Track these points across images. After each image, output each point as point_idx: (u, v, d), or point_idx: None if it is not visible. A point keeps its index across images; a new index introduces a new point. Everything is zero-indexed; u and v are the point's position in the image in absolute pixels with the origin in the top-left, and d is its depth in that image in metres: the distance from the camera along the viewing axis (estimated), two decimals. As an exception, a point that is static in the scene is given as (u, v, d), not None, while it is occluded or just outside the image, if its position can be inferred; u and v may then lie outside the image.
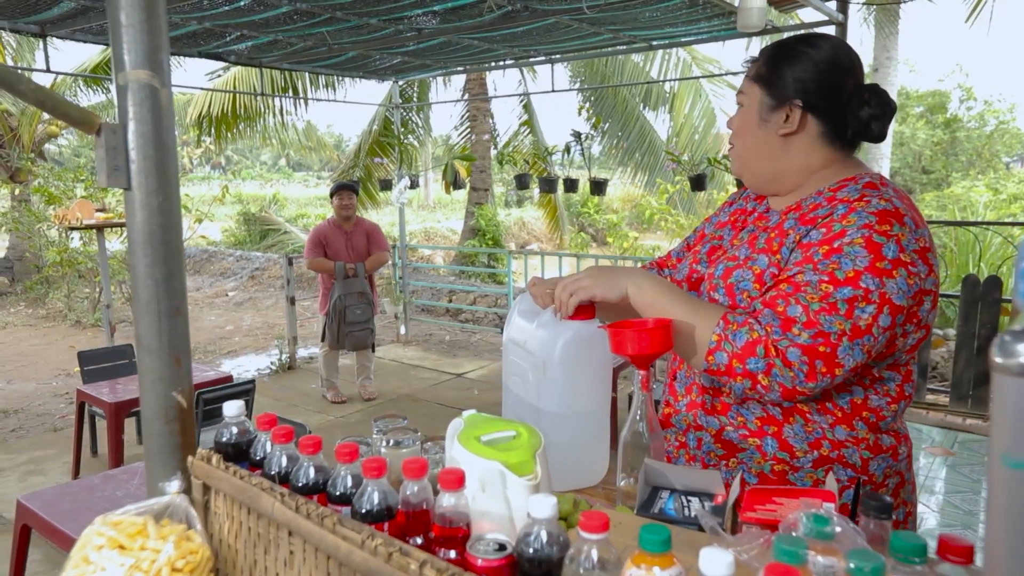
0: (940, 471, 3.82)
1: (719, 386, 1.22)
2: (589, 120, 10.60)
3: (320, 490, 0.91)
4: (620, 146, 10.68)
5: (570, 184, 6.43)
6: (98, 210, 6.13)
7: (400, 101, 7.78)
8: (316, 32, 4.87)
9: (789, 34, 1.33)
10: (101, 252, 5.83)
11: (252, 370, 6.45)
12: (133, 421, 4.22)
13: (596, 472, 1.32)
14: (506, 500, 0.85)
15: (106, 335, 5.63)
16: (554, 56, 6.09)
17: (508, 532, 0.81)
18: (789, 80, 1.19)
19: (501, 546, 0.72)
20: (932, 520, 3.32)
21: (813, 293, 1.07)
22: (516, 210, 21.85)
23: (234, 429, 1.03)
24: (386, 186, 7.63)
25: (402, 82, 7.53)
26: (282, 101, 9.91)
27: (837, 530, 0.70)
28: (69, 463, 4.12)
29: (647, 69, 10.43)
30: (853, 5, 4.68)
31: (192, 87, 16.04)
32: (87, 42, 5.00)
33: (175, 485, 0.97)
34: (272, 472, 0.95)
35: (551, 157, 6.69)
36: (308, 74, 8.95)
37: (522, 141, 11.01)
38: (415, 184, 7.43)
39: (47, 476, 4.11)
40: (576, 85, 10.78)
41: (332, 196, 5.28)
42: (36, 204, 9.55)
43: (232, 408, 1.03)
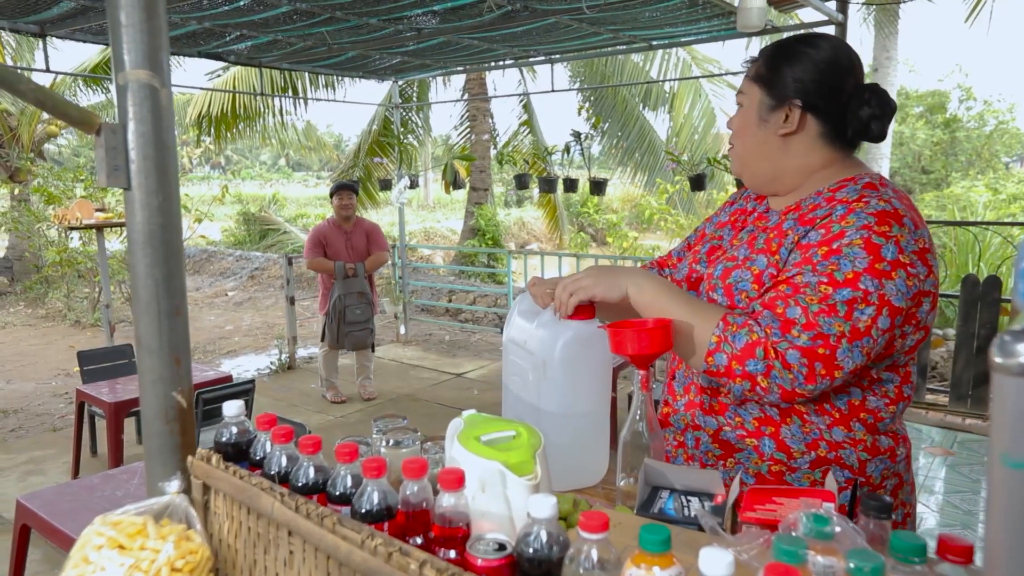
0: (939, 471, 3.82)
1: (717, 386, 1.22)
2: (589, 120, 10.59)
3: (320, 490, 0.91)
4: (620, 146, 10.67)
5: (570, 184, 6.43)
6: (98, 210, 6.13)
7: (400, 101, 7.78)
8: (316, 32, 4.87)
9: (789, 34, 1.32)
10: (101, 252, 5.83)
11: (252, 370, 6.45)
12: (133, 421, 4.22)
13: (596, 472, 1.32)
14: (506, 500, 0.85)
15: (106, 335, 5.63)
16: (554, 56, 6.09)
17: (508, 532, 0.81)
18: (789, 80, 1.19)
19: (501, 546, 0.72)
20: (932, 520, 3.32)
21: (812, 294, 1.06)
22: (516, 210, 21.85)
23: (234, 429, 1.03)
24: (386, 186, 7.63)
25: (402, 82, 7.53)
26: (282, 101, 9.91)
27: (837, 530, 0.70)
28: (69, 463, 4.12)
29: (647, 69, 10.43)
30: (853, 5, 4.68)
31: (192, 87, 16.04)
32: (87, 42, 4.99)
33: (175, 485, 0.97)
34: (272, 472, 0.95)
35: (551, 157, 6.69)
36: (308, 74, 8.95)
37: (522, 141, 11.00)
38: (415, 184, 7.43)
39: (47, 476, 4.11)
40: (576, 85, 10.78)
41: (332, 196, 5.27)
42: (36, 204, 9.55)
43: (232, 408, 1.03)
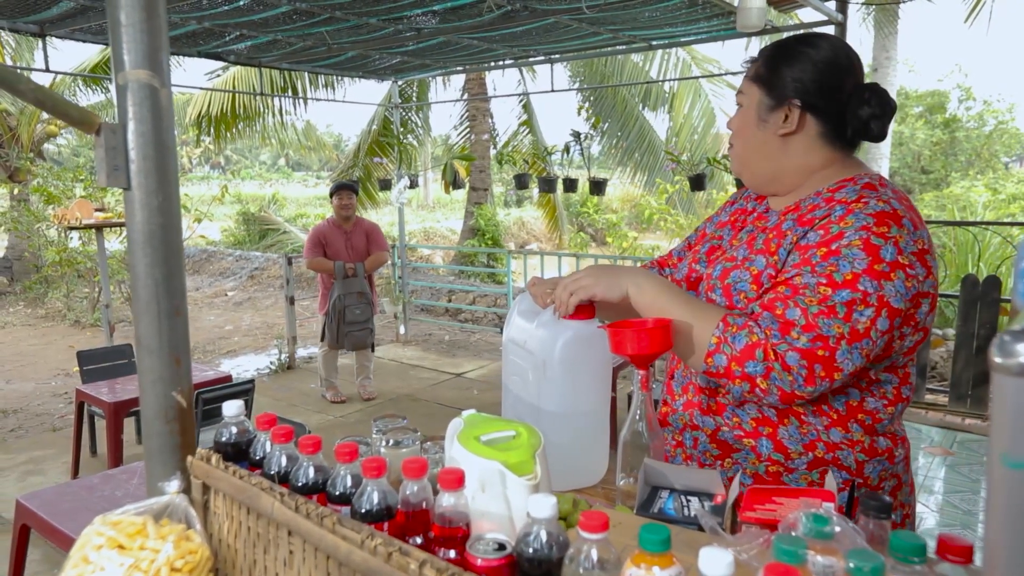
0: (939, 471, 3.83)
1: (716, 386, 1.22)
2: (588, 120, 10.59)
3: (320, 490, 0.91)
4: (619, 146, 10.67)
5: (569, 184, 6.43)
6: (97, 210, 6.13)
7: (399, 101, 7.78)
8: (315, 32, 4.87)
9: (788, 34, 1.32)
10: (100, 252, 5.83)
11: (251, 370, 6.45)
12: (132, 421, 4.22)
13: (596, 472, 1.32)
14: (506, 500, 0.85)
15: (105, 335, 5.63)
16: (553, 56, 6.09)
17: (508, 532, 0.81)
18: (788, 80, 1.19)
19: (501, 546, 0.72)
20: (931, 520, 3.32)
21: (811, 296, 1.06)
22: (515, 210, 21.85)
23: (233, 429, 1.03)
24: (385, 186, 7.63)
25: (401, 82, 7.53)
26: (281, 101, 9.91)
27: (836, 530, 0.70)
28: (68, 463, 4.11)
29: (646, 69, 10.43)
30: (852, 5, 4.68)
31: (191, 87, 16.03)
32: (86, 42, 4.99)
33: (174, 485, 0.97)
34: (272, 472, 0.95)
35: (550, 157, 6.70)
36: (307, 74, 8.95)
37: (521, 141, 11.00)
38: (414, 184, 7.43)
39: (46, 476, 4.11)
40: (575, 85, 10.78)
41: (331, 196, 5.27)
42: (35, 204, 9.54)
43: (231, 408, 1.03)
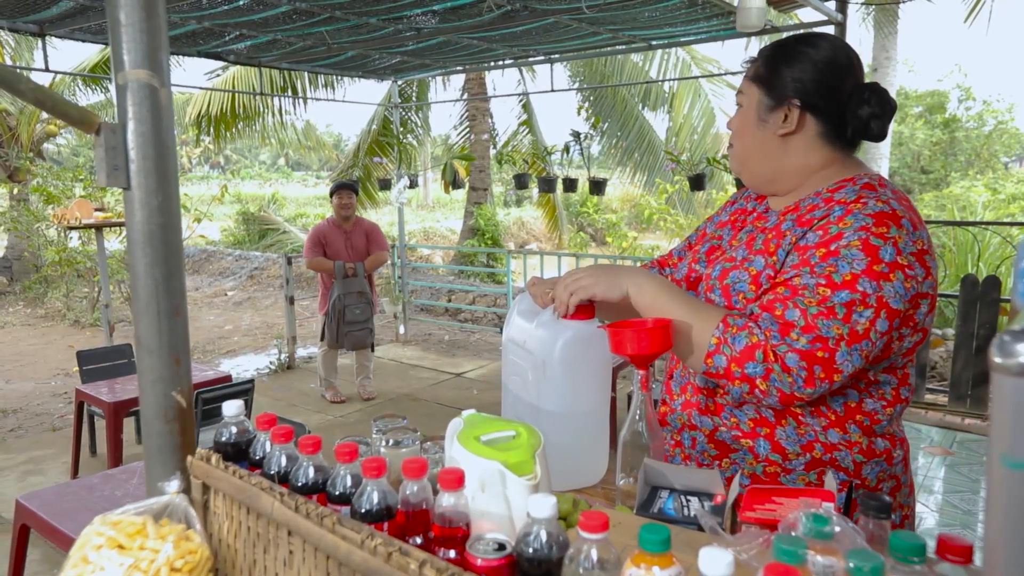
0: (939, 471, 3.83)
1: (714, 386, 1.22)
2: (588, 120, 10.59)
3: (319, 490, 0.91)
4: (619, 146, 10.67)
5: (569, 184, 6.43)
6: (97, 209, 6.13)
7: (399, 101, 7.78)
8: (315, 31, 4.87)
9: (788, 34, 1.32)
10: (100, 252, 5.83)
11: (251, 370, 6.44)
12: (132, 421, 4.21)
13: (595, 472, 1.32)
14: (506, 500, 0.85)
15: (105, 335, 5.63)
16: (553, 56, 6.09)
17: (508, 532, 0.81)
18: (787, 80, 1.19)
19: (501, 546, 0.72)
20: (931, 520, 3.32)
21: (811, 297, 1.06)
22: (515, 210, 21.84)
23: (233, 429, 1.03)
24: (385, 186, 7.63)
25: (401, 82, 7.53)
26: (281, 100, 9.90)
27: (836, 530, 0.70)
28: (68, 463, 4.11)
29: (646, 69, 10.43)
30: (852, 5, 4.68)
31: (191, 86, 16.02)
32: (86, 41, 4.99)
33: (174, 485, 0.97)
34: (271, 472, 0.95)
35: (550, 157, 6.70)
36: (307, 73, 8.94)
37: (521, 141, 11.00)
38: (414, 184, 7.43)
39: (46, 476, 4.11)
40: (575, 85, 10.78)
41: (332, 195, 5.27)
42: (35, 203, 9.54)
43: (231, 408, 1.03)
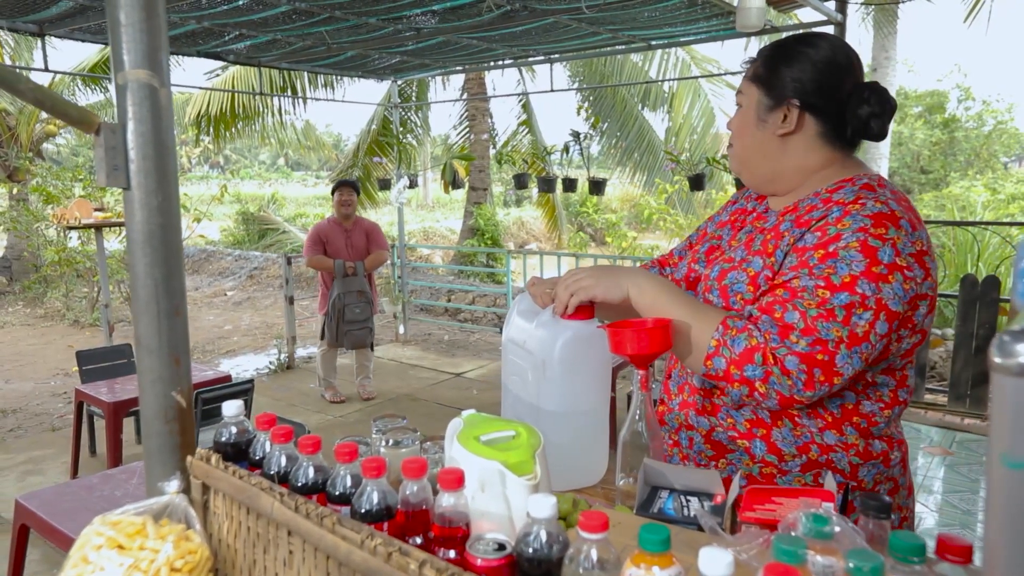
0: (938, 471, 3.83)
1: (711, 387, 1.22)
2: (588, 120, 10.60)
3: (319, 490, 0.91)
4: (619, 146, 10.67)
5: (569, 184, 6.43)
6: (96, 209, 6.12)
7: (399, 100, 7.78)
8: (315, 31, 4.87)
9: (788, 34, 1.32)
10: (99, 251, 5.82)
11: (251, 370, 6.44)
12: (132, 421, 4.21)
13: (595, 472, 1.32)
14: (505, 500, 0.85)
15: (104, 335, 5.62)
16: (553, 56, 6.09)
17: (507, 532, 0.81)
18: (787, 80, 1.19)
19: (501, 546, 0.72)
20: (930, 520, 3.32)
21: (810, 299, 1.06)
22: (515, 210, 21.84)
23: (233, 429, 1.03)
24: (385, 186, 7.63)
25: (401, 81, 7.53)
26: (281, 100, 9.90)
27: (836, 530, 0.70)
28: (67, 463, 4.11)
29: (646, 69, 10.43)
30: (852, 5, 4.68)
31: (191, 86, 16.01)
32: (86, 41, 4.99)
33: (174, 485, 0.97)
34: (271, 472, 0.95)
35: (550, 157, 6.70)
36: (307, 73, 8.94)
37: (521, 141, 11.00)
38: (414, 184, 7.43)
39: (45, 476, 4.11)
40: (575, 85, 10.78)
41: (333, 193, 5.29)
42: (34, 203, 9.54)
43: (231, 408, 1.03)
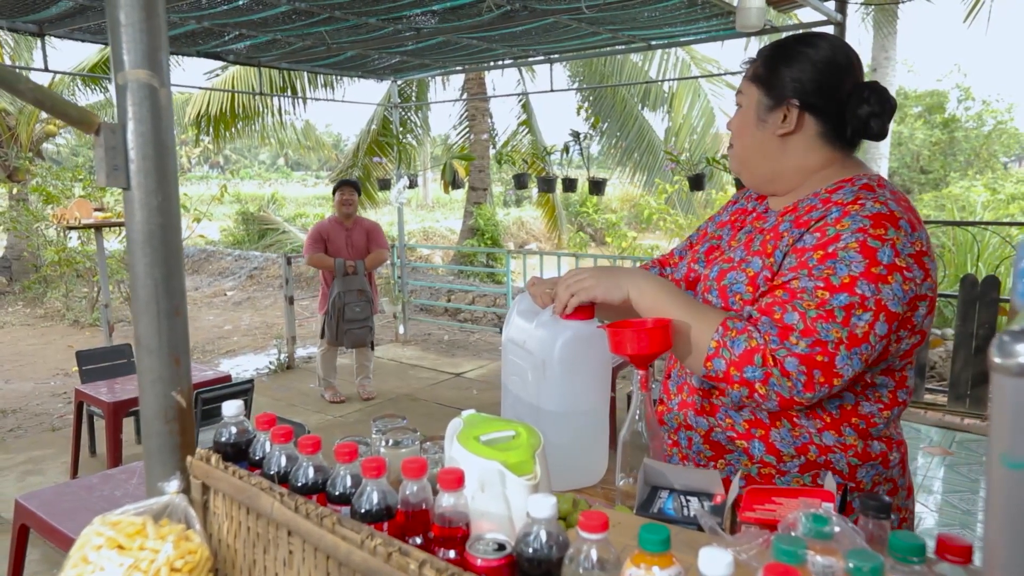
0: (938, 471, 3.83)
1: (710, 387, 1.22)
2: (588, 120, 10.59)
3: (319, 490, 0.91)
4: (619, 146, 10.67)
5: (569, 184, 6.43)
6: (96, 209, 6.12)
7: (399, 100, 7.78)
8: (315, 31, 4.87)
9: (787, 34, 1.32)
10: (99, 252, 5.82)
11: (251, 370, 6.44)
12: (131, 421, 4.21)
13: (595, 472, 1.32)
14: (505, 500, 0.85)
15: (104, 335, 5.62)
16: (553, 56, 6.09)
17: (507, 532, 0.81)
18: (787, 80, 1.19)
19: (500, 546, 0.72)
20: (930, 520, 3.32)
21: (809, 300, 1.05)
22: (515, 210, 21.84)
23: (233, 429, 1.03)
24: (385, 186, 7.63)
25: (401, 81, 7.53)
26: (280, 100, 9.89)
27: (836, 530, 0.70)
28: (67, 463, 4.11)
29: (646, 69, 10.43)
30: (852, 5, 4.68)
31: (190, 86, 16.01)
32: (85, 41, 4.99)
33: (174, 485, 0.97)
34: (271, 472, 0.95)
35: (550, 157, 6.70)
36: (306, 73, 8.94)
37: (521, 141, 11.00)
38: (414, 184, 7.43)
39: (45, 476, 4.10)
40: (575, 85, 10.78)
41: (334, 192, 5.30)
42: (34, 203, 9.54)
43: (231, 408, 1.03)
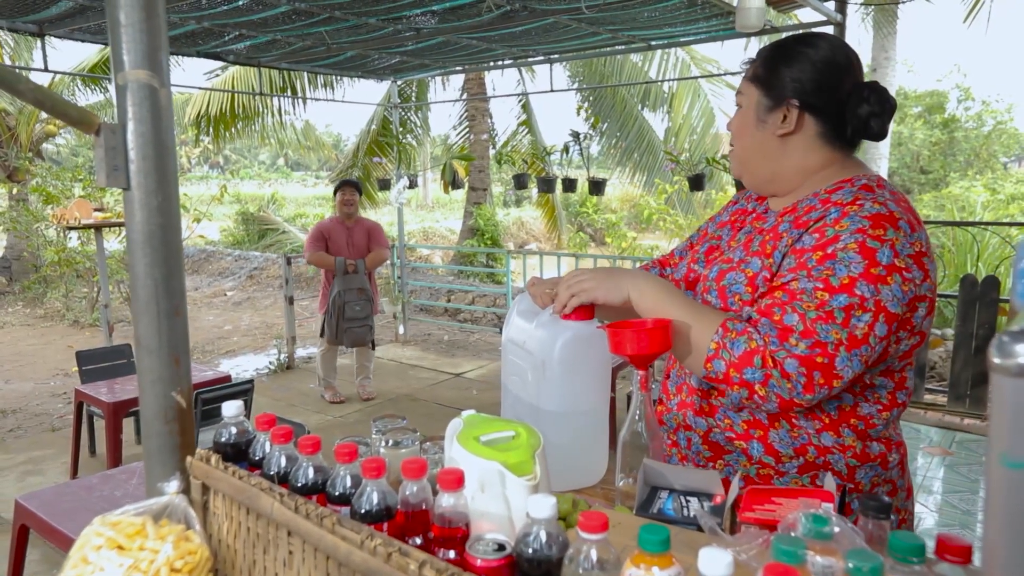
0: (938, 471, 3.83)
1: (709, 387, 1.22)
2: (587, 120, 10.59)
3: (319, 490, 0.91)
4: (619, 146, 10.67)
5: (568, 184, 6.43)
6: (96, 210, 6.12)
7: (399, 101, 7.78)
8: (314, 32, 4.87)
9: (787, 34, 1.32)
10: (99, 252, 5.82)
11: (251, 370, 6.44)
12: (131, 421, 4.21)
13: (595, 472, 1.32)
14: (505, 500, 0.85)
15: (104, 335, 5.62)
16: (553, 56, 6.09)
17: (507, 532, 0.81)
18: (786, 80, 1.19)
19: (500, 546, 0.72)
20: (930, 520, 3.32)
21: (809, 301, 1.05)
22: (515, 210, 21.84)
23: (233, 429, 1.03)
24: (385, 186, 7.63)
25: (401, 82, 7.53)
26: (280, 101, 9.89)
27: (836, 530, 0.70)
28: (67, 463, 4.11)
29: (646, 69, 10.43)
30: (851, 5, 4.68)
31: (190, 87, 16.01)
32: (85, 41, 4.99)
33: (174, 485, 0.97)
34: (271, 472, 0.95)
35: (549, 157, 6.70)
36: (306, 73, 8.94)
37: (520, 141, 11.00)
38: (414, 184, 7.43)
39: (45, 476, 4.10)
40: (575, 85, 10.78)
41: (335, 192, 5.31)
42: (34, 203, 9.54)
43: (231, 408, 1.03)
